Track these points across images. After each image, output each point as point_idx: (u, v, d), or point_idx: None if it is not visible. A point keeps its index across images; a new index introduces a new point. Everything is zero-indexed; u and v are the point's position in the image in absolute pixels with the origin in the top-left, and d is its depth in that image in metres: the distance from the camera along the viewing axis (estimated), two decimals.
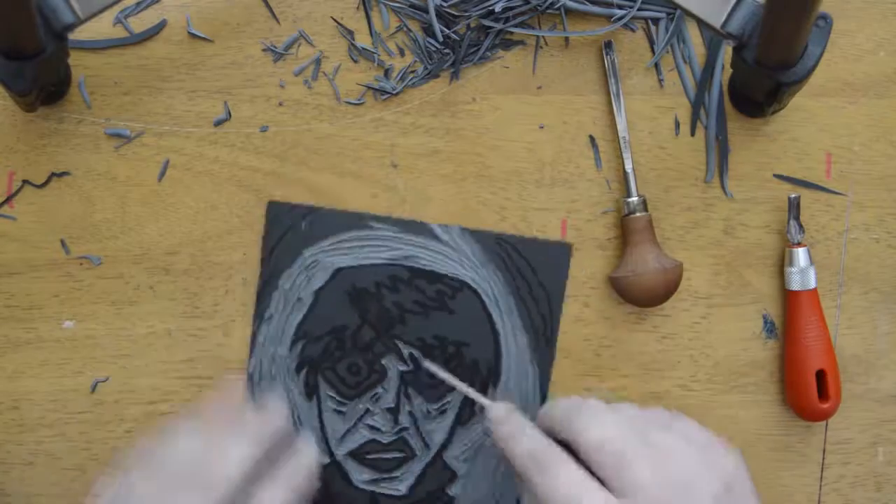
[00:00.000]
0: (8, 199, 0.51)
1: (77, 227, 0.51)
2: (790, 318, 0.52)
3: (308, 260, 0.51)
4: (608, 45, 0.52)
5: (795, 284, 0.51)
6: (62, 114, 0.51)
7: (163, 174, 0.51)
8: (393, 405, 0.51)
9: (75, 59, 0.50)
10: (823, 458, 0.53)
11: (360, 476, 0.51)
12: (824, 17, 0.45)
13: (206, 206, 0.51)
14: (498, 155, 0.52)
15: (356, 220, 0.51)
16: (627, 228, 0.51)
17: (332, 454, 0.51)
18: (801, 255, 0.51)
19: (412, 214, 0.52)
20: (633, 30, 0.53)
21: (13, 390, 0.51)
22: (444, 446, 0.51)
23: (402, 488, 0.51)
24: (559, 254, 0.52)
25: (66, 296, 0.51)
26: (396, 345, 0.51)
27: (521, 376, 0.51)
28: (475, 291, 0.51)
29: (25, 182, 0.51)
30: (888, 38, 0.54)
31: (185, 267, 0.51)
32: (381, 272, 0.51)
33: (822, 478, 0.53)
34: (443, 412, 0.51)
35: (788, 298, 0.52)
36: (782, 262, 0.53)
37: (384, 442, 0.51)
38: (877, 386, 0.53)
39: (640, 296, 0.50)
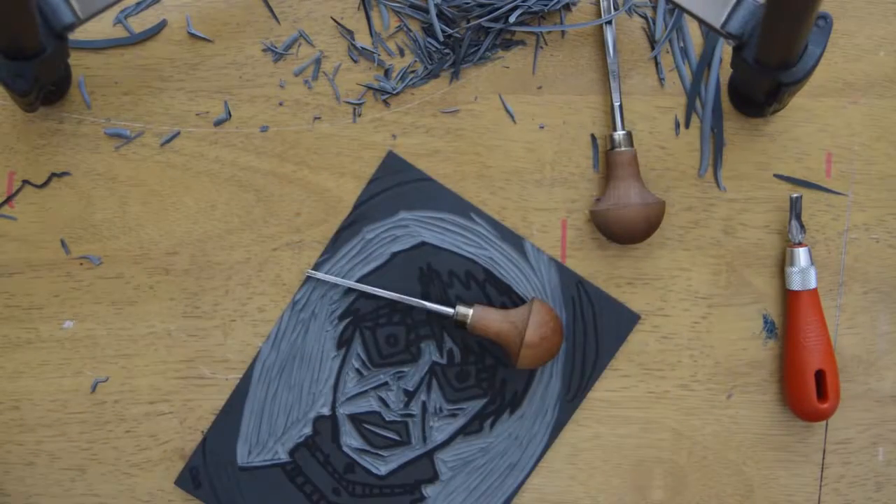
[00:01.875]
0: (8, 199, 0.51)
1: (77, 227, 0.51)
2: (790, 318, 0.52)
3: (401, 221, 0.51)
4: None
5: (796, 284, 0.51)
6: (62, 114, 0.51)
7: (167, 141, 0.51)
8: (412, 389, 0.51)
9: (75, 59, 0.50)
10: (823, 458, 0.53)
11: (350, 440, 0.51)
12: (824, 17, 0.45)
13: (206, 206, 0.51)
14: (498, 155, 0.52)
15: (460, 206, 0.51)
16: (612, 163, 0.51)
17: (334, 408, 0.51)
18: (801, 254, 0.51)
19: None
20: (633, 15, 0.53)
21: (13, 390, 0.51)
22: (440, 447, 0.51)
23: (381, 469, 0.51)
24: (625, 319, 0.52)
25: (66, 296, 0.51)
26: (441, 335, 0.51)
27: (539, 415, 0.52)
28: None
29: (25, 182, 0.51)
30: (888, 38, 0.54)
31: (185, 267, 0.51)
32: (460, 263, 0.51)
33: (822, 478, 0.53)
34: (453, 415, 0.51)
35: (789, 298, 0.52)
36: (782, 262, 0.53)
37: (386, 419, 0.51)
38: (877, 386, 0.53)
39: (621, 230, 0.50)
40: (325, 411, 0.51)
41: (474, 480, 0.51)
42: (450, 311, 0.49)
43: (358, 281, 0.51)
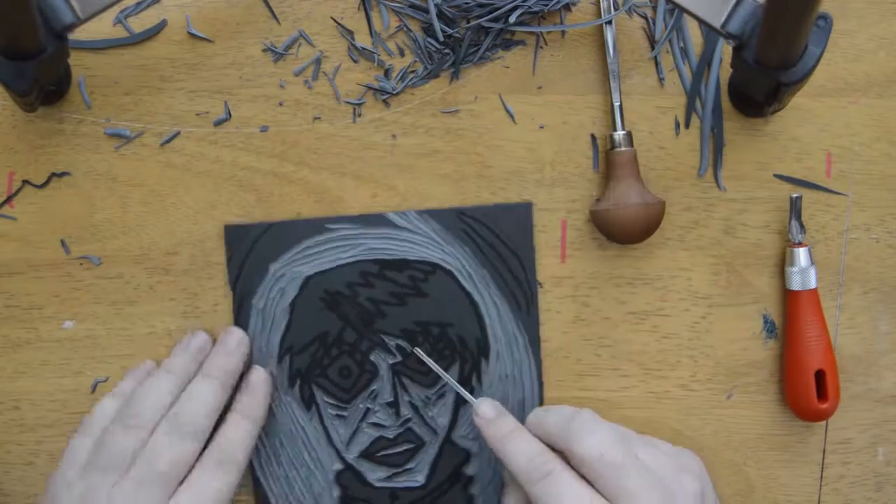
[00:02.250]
0: (8, 199, 0.51)
1: (77, 227, 0.51)
2: (790, 318, 0.52)
3: (276, 275, 0.51)
4: None
5: (796, 284, 0.51)
6: (62, 114, 0.51)
7: (168, 140, 0.51)
8: (391, 399, 0.51)
9: (75, 59, 0.50)
10: (823, 458, 0.53)
11: (376, 475, 0.51)
12: (824, 17, 0.45)
13: (206, 206, 0.51)
14: (498, 155, 0.52)
15: (313, 226, 0.51)
16: (611, 163, 0.51)
17: (343, 459, 0.51)
18: (801, 254, 0.51)
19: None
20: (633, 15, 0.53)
21: (13, 390, 0.51)
22: (451, 428, 0.51)
23: (419, 479, 0.51)
24: (521, 214, 0.52)
25: (66, 296, 0.51)
26: (381, 339, 0.51)
27: (511, 344, 0.51)
28: (446, 270, 0.51)
29: (25, 182, 0.51)
30: (888, 38, 0.54)
31: (185, 267, 0.51)
32: (349, 271, 0.51)
33: (822, 478, 0.53)
34: (441, 395, 0.51)
35: (788, 298, 0.52)
36: (782, 262, 0.53)
37: (391, 437, 0.51)
38: (877, 386, 0.53)
39: (621, 230, 0.50)
40: (339, 466, 0.51)
41: None
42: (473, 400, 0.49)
43: (280, 343, 0.51)
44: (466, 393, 0.49)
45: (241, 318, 0.51)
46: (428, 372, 0.51)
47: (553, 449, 0.45)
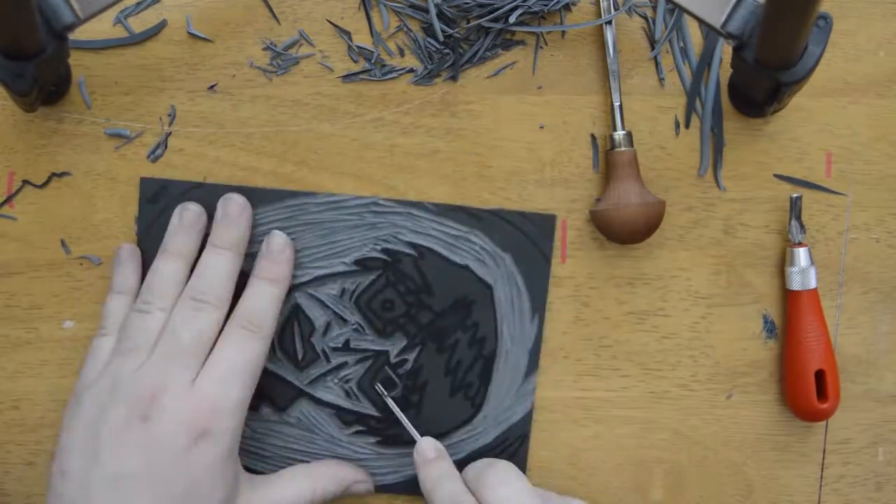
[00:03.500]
0: (8, 199, 0.51)
1: (77, 227, 0.51)
2: (790, 318, 0.52)
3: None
4: None
5: (796, 284, 0.51)
6: (62, 114, 0.51)
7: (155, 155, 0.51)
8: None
9: (75, 59, 0.50)
10: (823, 458, 0.53)
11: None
12: (824, 17, 0.45)
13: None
14: (498, 155, 0.52)
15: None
16: (611, 163, 0.51)
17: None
18: (801, 254, 0.51)
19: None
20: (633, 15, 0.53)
21: (13, 390, 0.51)
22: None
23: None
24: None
25: (66, 296, 0.51)
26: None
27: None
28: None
29: (25, 182, 0.51)
30: (888, 38, 0.54)
31: None
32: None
33: (822, 478, 0.53)
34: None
35: (788, 298, 0.52)
36: (782, 262, 0.53)
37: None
38: (877, 386, 0.53)
39: (621, 230, 0.50)
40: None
41: None
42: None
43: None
44: (413, 429, 0.50)
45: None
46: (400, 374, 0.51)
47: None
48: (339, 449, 0.51)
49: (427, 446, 0.48)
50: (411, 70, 0.52)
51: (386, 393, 0.51)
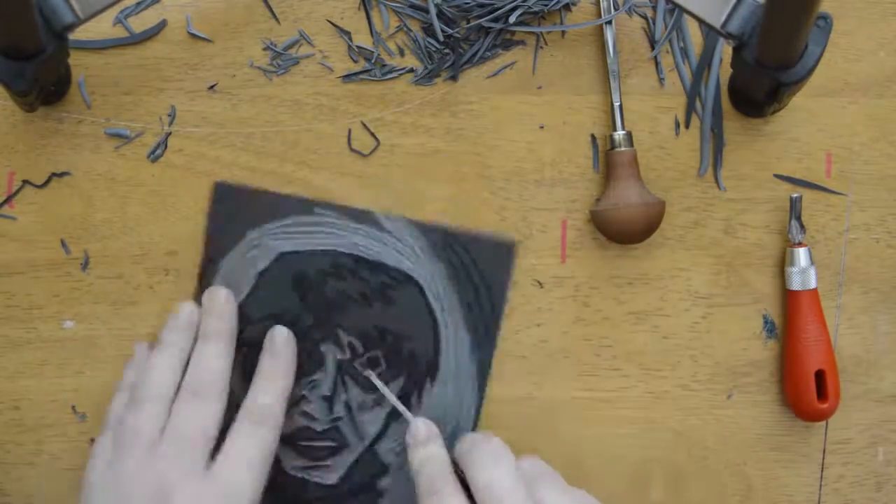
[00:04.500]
0: (8, 199, 0.51)
1: (77, 227, 0.51)
2: (790, 318, 0.52)
3: (252, 242, 0.51)
4: None
5: (796, 284, 0.51)
6: (62, 114, 0.51)
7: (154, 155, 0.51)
8: (329, 394, 0.51)
9: (75, 59, 0.50)
10: (823, 458, 0.53)
11: (292, 462, 0.51)
12: (824, 17, 0.45)
13: (206, 205, 0.51)
14: (498, 155, 0.52)
15: (301, 205, 0.51)
16: (612, 163, 0.51)
17: None
18: (801, 254, 0.51)
19: (412, 214, 0.52)
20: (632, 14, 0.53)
21: (13, 390, 0.51)
22: (378, 438, 0.51)
23: (332, 478, 0.51)
24: (503, 251, 0.52)
25: (66, 296, 0.51)
26: (336, 333, 0.51)
27: (460, 373, 0.51)
28: (418, 285, 0.51)
29: (25, 182, 0.51)
30: (888, 38, 0.54)
31: (185, 267, 0.51)
32: (324, 259, 0.51)
33: (822, 478, 0.53)
34: (378, 403, 0.51)
35: (788, 298, 0.52)
36: (782, 262, 0.53)
37: (318, 430, 0.51)
38: (877, 386, 0.53)
39: (621, 230, 0.50)
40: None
41: None
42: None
43: (238, 309, 0.50)
44: (406, 410, 0.49)
45: (206, 274, 0.51)
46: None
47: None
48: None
49: (420, 427, 0.48)
50: (411, 70, 0.52)
51: (374, 373, 0.51)
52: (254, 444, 0.45)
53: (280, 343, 0.49)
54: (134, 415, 0.45)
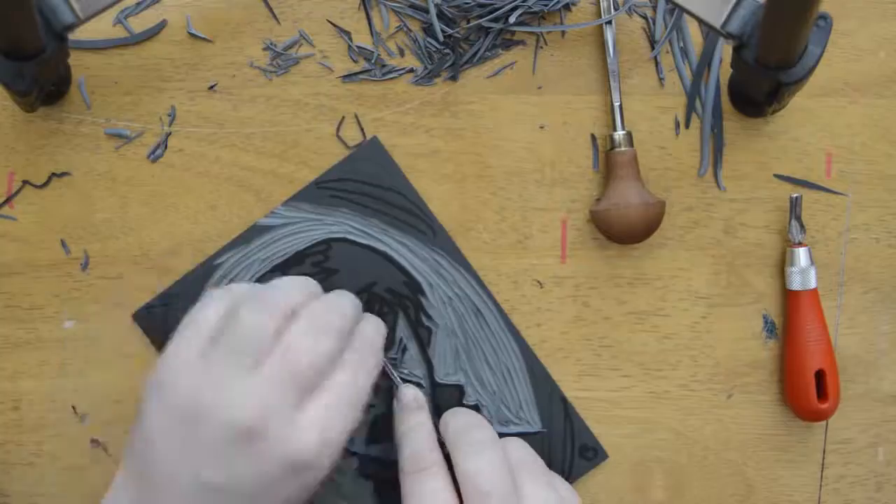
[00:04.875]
0: (8, 200, 0.51)
1: (77, 227, 0.51)
2: (790, 318, 0.52)
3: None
4: None
5: (796, 284, 0.51)
6: (62, 114, 0.51)
7: (154, 155, 0.51)
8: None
9: (75, 59, 0.50)
10: (823, 458, 0.53)
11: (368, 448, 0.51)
12: (824, 17, 0.45)
13: (206, 206, 0.51)
14: (498, 155, 0.52)
15: (203, 273, 0.50)
16: (611, 163, 0.51)
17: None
18: (801, 254, 0.51)
19: None
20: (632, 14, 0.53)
21: (13, 390, 0.51)
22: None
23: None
24: (372, 150, 0.51)
25: (66, 296, 0.51)
26: None
27: (438, 269, 0.51)
28: (340, 238, 0.51)
29: (25, 182, 0.51)
30: (888, 38, 0.54)
31: (186, 267, 0.51)
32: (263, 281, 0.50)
33: (822, 478, 0.53)
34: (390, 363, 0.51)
35: (789, 298, 0.52)
36: (782, 262, 0.53)
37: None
38: (877, 386, 0.53)
39: (621, 230, 0.50)
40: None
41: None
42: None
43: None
44: (396, 375, 0.49)
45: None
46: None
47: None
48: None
49: (408, 393, 0.47)
50: (411, 70, 0.52)
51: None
52: (355, 383, 0.42)
53: (373, 334, 0.46)
54: (257, 315, 0.41)
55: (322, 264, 0.51)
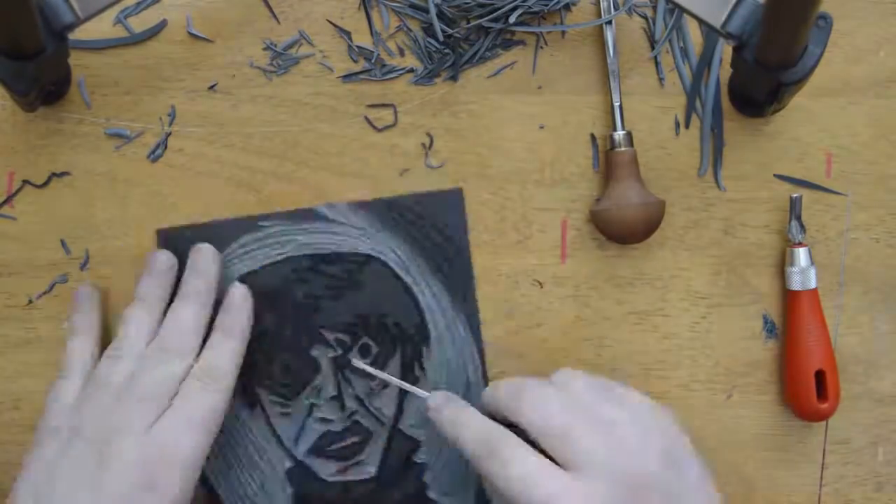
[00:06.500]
0: (8, 199, 0.51)
1: (77, 227, 0.51)
2: (790, 318, 0.52)
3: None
4: None
5: (796, 284, 0.51)
6: (62, 114, 0.51)
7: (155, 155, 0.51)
8: (335, 393, 0.51)
9: (75, 59, 0.50)
10: (823, 458, 0.53)
11: (327, 470, 0.51)
12: (824, 17, 0.45)
13: (206, 206, 0.51)
14: (498, 155, 0.52)
15: (245, 224, 0.51)
16: (612, 163, 0.51)
17: (292, 457, 0.51)
18: (801, 254, 0.51)
19: None
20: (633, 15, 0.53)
21: (13, 390, 0.51)
22: (398, 418, 0.51)
23: (371, 470, 0.51)
24: (451, 198, 0.52)
25: (66, 296, 0.51)
26: (320, 334, 0.51)
27: (452, 329, 0.51)
28: (380, 260, 0.51)
29: (25, 182, 0.51)
30: (888, 38, 0.54)
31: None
32: (284, 268, 0.51)
33: (822, 478, 0.53)
34: (385, 385, 0.51)
35: (789, 298, 0.52)
36: (782, 262, 0.53)
37: (338, 430, 0.51)
38: (877, 386, 0.53)
39: (621, 230, 0.50)
40: (290, 464, 0.51)
41: None
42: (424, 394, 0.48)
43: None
44: (414, 388, 0.49)
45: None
46: (371, 364, 0.51)
47: (509, 423, 0.43)
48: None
49: (437, 396, 0.47)
50: (411, 70, 0.52)
51: (366, 363, 0.50)
52: (199, 404, 0.45)
53: (236, 299, 0.49)
54: (110, 366, 0.46)
55: (352, 275, 0.51)
